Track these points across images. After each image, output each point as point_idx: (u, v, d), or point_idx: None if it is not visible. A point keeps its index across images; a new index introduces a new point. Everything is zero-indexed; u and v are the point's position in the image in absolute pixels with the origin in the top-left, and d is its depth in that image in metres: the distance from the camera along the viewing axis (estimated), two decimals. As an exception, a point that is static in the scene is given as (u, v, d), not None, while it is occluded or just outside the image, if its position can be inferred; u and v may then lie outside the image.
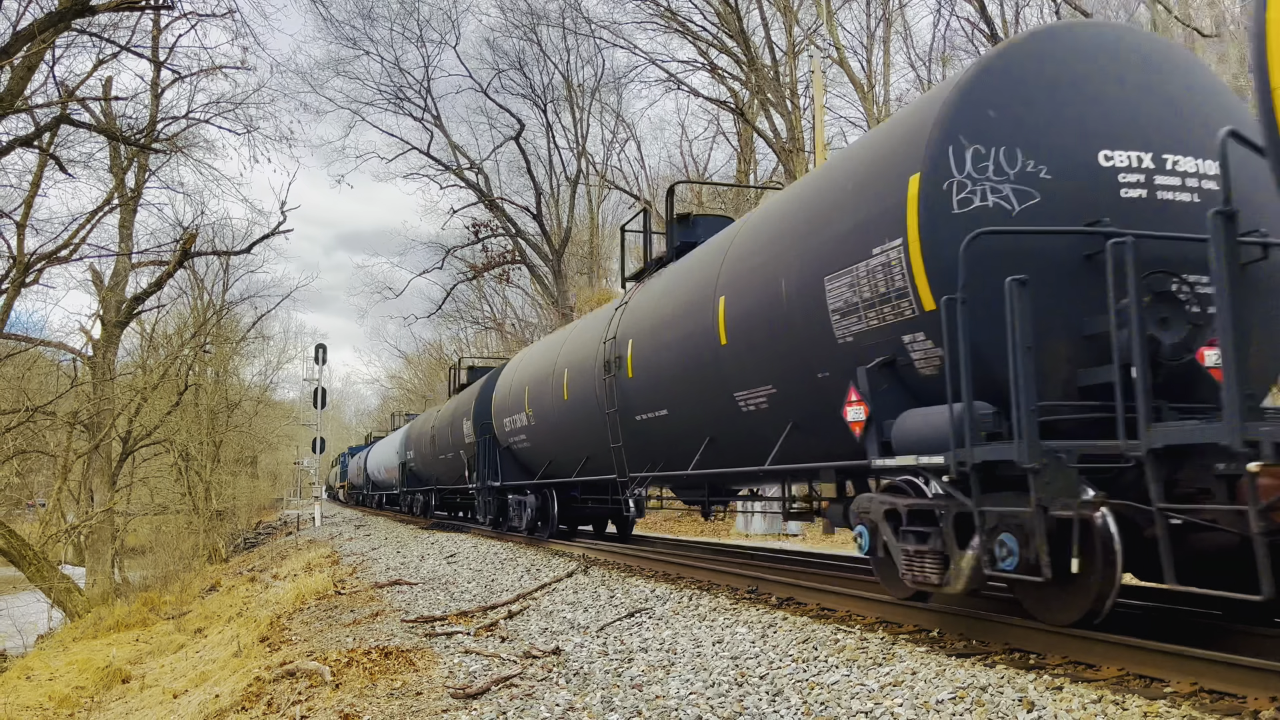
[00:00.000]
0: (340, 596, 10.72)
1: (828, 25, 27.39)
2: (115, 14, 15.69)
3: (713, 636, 6.26)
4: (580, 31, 34.75)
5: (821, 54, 25.32)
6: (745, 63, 28.88)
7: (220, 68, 18.68)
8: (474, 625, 7.78)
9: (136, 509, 31.87)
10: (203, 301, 38.53)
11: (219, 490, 37.24)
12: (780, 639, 5.87)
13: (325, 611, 9.68)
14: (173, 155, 22.74)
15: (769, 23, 29.53)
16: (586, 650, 6.47)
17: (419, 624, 8.03)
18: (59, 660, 13.08)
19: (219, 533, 34.22)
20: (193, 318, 36.58)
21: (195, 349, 33.58)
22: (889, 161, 5.71)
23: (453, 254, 40.78)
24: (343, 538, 23.05)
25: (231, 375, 42.30)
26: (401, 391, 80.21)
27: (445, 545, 15.88)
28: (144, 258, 27.42)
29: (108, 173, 25.84)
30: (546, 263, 37.58)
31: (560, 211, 39.05)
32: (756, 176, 34.04)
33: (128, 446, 28.88)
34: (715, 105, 33.42)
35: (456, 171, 38.54)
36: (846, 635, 5.73)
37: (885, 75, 29.70)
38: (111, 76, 22.42)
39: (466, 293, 48.38)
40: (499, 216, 38.11)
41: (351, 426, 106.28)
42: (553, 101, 37.64)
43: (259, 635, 9.22)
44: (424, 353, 69.16)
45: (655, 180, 39.37)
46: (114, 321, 26.34)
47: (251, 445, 49.60)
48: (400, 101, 37.91)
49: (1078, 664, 4.61)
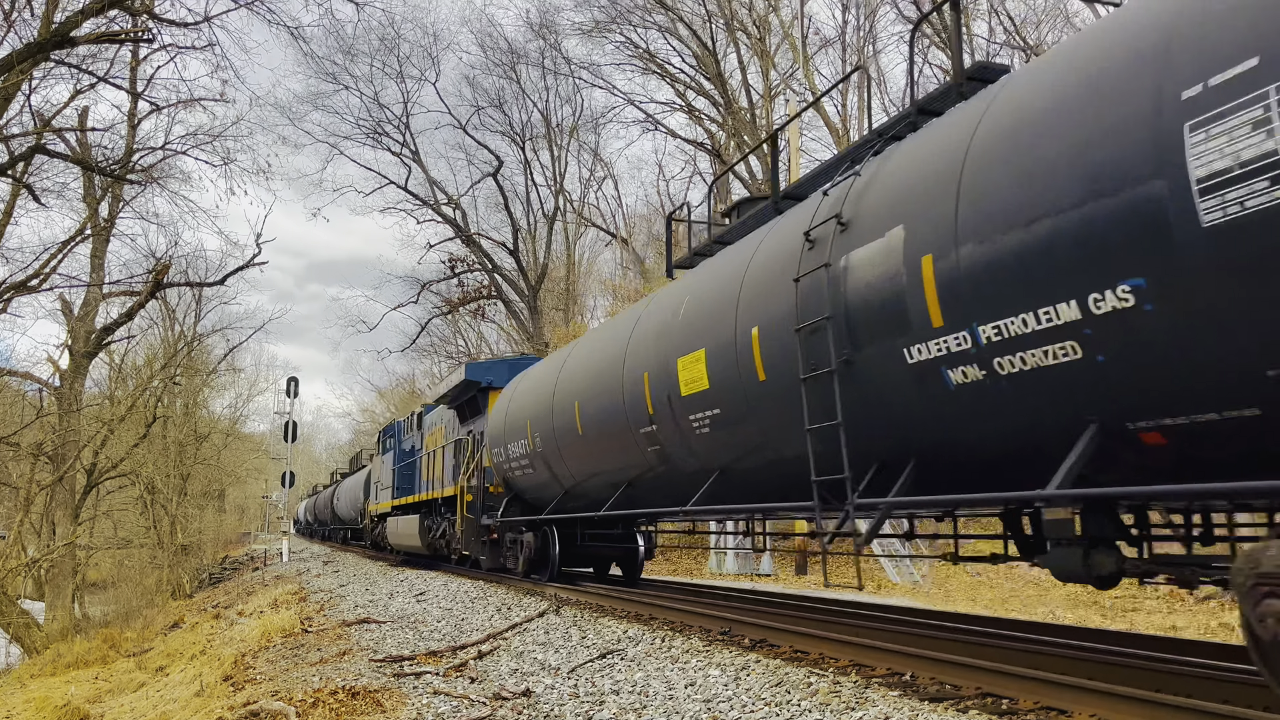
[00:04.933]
0: (307, 634, 10.55)
1: (803, 70, 27.84)
2: (95, 45, 15.68)
3: (685, 679, 6.21)
4: (560, 71, 35.18)
5: (797, 98, 25.68)
6: (722, 105, 29.27)
7: (198, 100, 18.71)
8: (443, 665, 7.68)
9: (99, 542, 31.28)
10: (174, 333, 38.20)
11: (185, 524, 36.62)
12: (753, 682, 5.83)
13: (291, 650, 9.51)
14: (148, 186, 22.65)
15: (746, 66, 30.00)
16: (557, 692, 6.39)
17: (387, 663, 7.91)
18: (15, 698, 12.75)
19: (184, 568, 33.61)
20: (163, 349, 36.20)
21: (165, 381, 33.19)
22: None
23: (428, 288, 40.77)
24: (310, 574, 22.71)
25: (201, 407, 41.83)
26: (374, 425, 79.60)
27: (415, 583, 15.69)
28: (115, 288, 27.19)
29: (81, 202, 25.66)
30: (522, 298, 37.61)
31: (537, 248, 39.18)
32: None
33: (92, 479, 28.38)
34: (692, 146, 33.79)
35: (434, 207, 38.63)
36: (820, 678, 5.70)
37: (860, 119, 30.15)
38: (88, 106, 22.27)
39: (441, 327, 48.36)
40: (475, 252, 38.19)
41: (322, 460, 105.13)
42: (531, 139, 37.95)
43: (223, 674, 9.04)
44: (397, 386, 68.83)
45: (632, 219, 39.65)
46: (82, 352, 26.01)
47: (219, 479, 48.93)
48: (379, 136, 38.07)
49: (1050, 710, 4.61)
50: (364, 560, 26.18)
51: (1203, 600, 13.01)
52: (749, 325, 6.89)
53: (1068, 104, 4.31)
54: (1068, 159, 4.18)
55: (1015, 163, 4.52)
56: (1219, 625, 11.46)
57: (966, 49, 25.23)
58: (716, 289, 7.70)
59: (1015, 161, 4.52)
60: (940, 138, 5.42)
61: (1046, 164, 4.30)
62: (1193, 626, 11.63)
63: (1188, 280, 3.68)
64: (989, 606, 14.54)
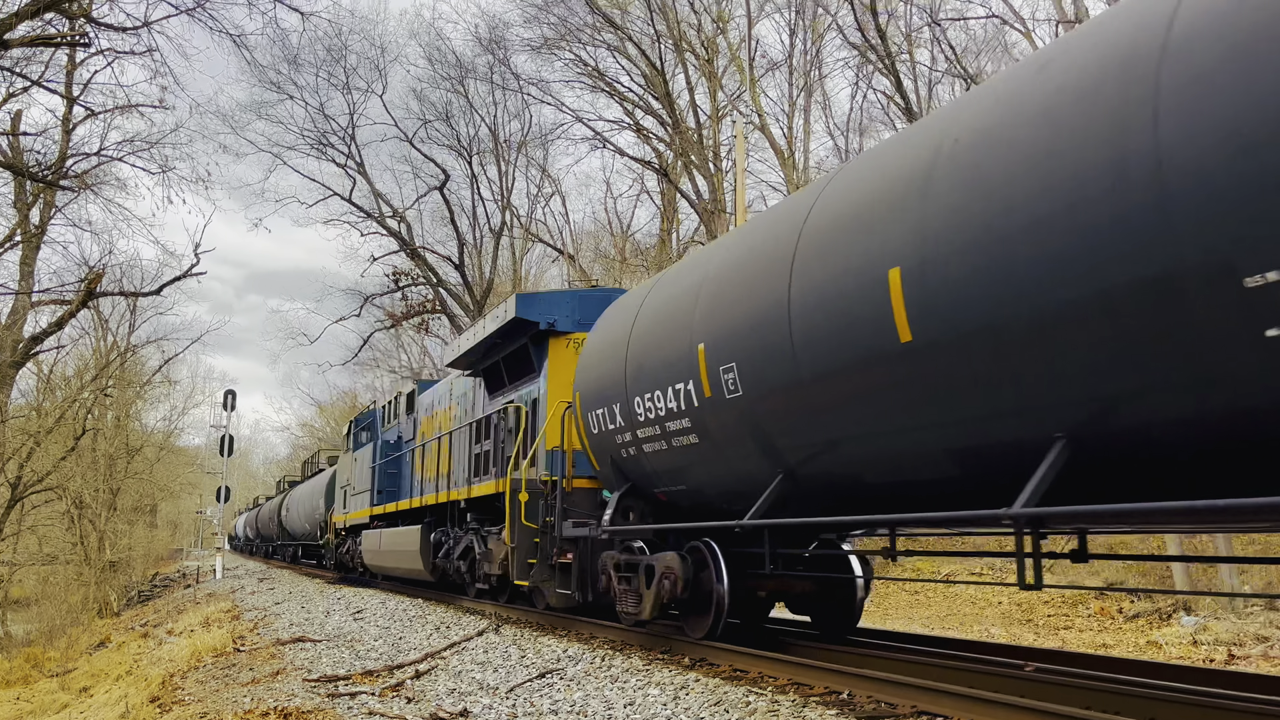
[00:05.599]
0: (239, 654, 10.31)
1: (751, 92, 28.20)
2: (29, 48, 15.30)
3: (624, 698, 6.18)
4: (508, 87, 35.08)
5: (744, 119, 25.98)
6: (670, 124, 29.49)
7: (136, 106, 18.35)
8: (379, 685, 7.56)
9: (23, 559, 30.29)
10: (106, 343, 37.29)
11: (114, 540, 35.66)
12: (692, 701, 5.83)
13: (223, 670, 9.29)
14: (82, 193, 22.09)
15: (694, 87, 30.27)
16: (495, 712, 6.32)
17: (322, 683, 7.76)
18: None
19: (112, 585, 32.68)
20: (94, 360, 35.31)
21: (95, 392, 32.34)
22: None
23: (371, 302, 40.27)
24: (245, 591, 22.22)
25: (134, 420, 40.85)
26: (313, 440, 78.33)
27: (352, 601, 15.43)
28: (45, 297, 26.41)
29: (11, 208, 24.97)
30: (467, 313, 37.37)
31: (483, 263, 38.97)
32: (679, 235, 34.58)
33: (17, 493, 27.50)
34: (640, 164, 33.97)
35: (378, 219, 38.26)
36: (758, 697, 5.71)
37: (805, 142, 30.59)
38: (21, 110, 21.69)
39: (384, 341, 47.76)
40: (420, 265, 37.87)
41: (260, 475, 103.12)
42: (479, 154, 37.77)
43: (149, 695, 8.80)
44: (338, 400, 67.85)
45: (580, 235, 39.69)
46: (9, 362, 25.21)
47: (152, 493, 47.74)
48: (324, 147, 37.59)
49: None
50: (300, 577, 25.68)
51: (1131, 619, 13.32)
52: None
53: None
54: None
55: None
56: (1147, 644, 11.74)
57: (908, 76, 25.79)
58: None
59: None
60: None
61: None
62: (1122, 645, 11.90)
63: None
64: (927, 624, 14.73)
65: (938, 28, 24.17)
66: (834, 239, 5.61)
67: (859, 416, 5.53)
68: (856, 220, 5.43)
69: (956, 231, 4.56)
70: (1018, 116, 4.39)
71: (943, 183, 4.74)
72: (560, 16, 30.80)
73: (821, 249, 5.70)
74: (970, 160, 4.59)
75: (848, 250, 5.41)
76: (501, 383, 12.29)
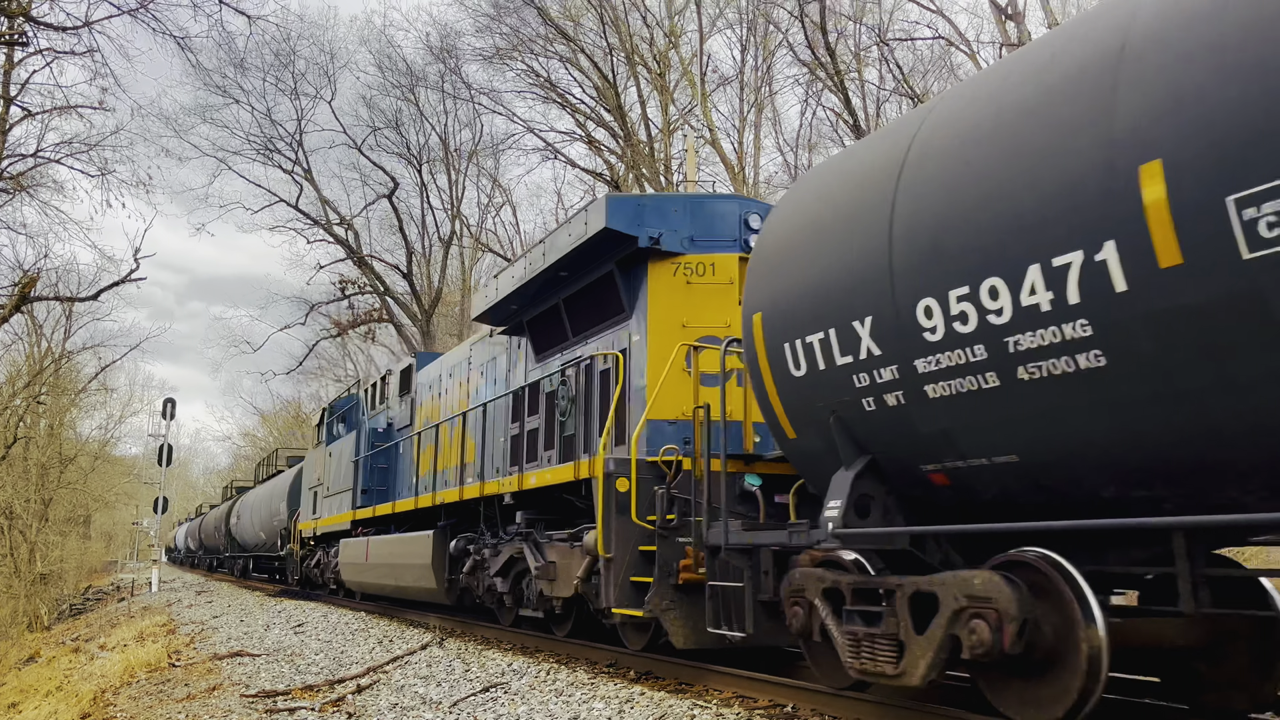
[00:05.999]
0: (175, 669, 10.07)
1: (702, 106, 28.39)
2: (-38, 44, 14.89)
3: (569, 712, 6.15)
4: (459, 96, 34.90)
5: (696, 133, 26.16)
6: (622, 137, 29.59)
7: (75, 107, 17.93)
8: (319, 700, 7.43)
9: (-52, 571, 29.33)
10: (40, 349, 36.26)
11: (45, 552, 34.65)
12: (637, 714, 5.82)
13: (157, 686, 9.06)
14: (17, 195, 21.49)
15: (646, 100, 30.40)
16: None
17: (260, 699, 7.61)
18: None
19: (42, 598, 31.73)
20: (27, 366, 34.32)
21: (28, 399, 31.43)
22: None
23: (317, 310, 39.71)
24: (182, 604, 21.73)
25: (68, 428, 39.76)
26: (256, 450, 76.94)
27: (294, 614, 15.16)
28: (-24, 301, 25.65)
29: (-59, 209, 24.19)
30: (415, 323, 37.03)
31: (432, 272, 38.68)
32: (629, 247, 34.53)
33: (-57, 502, 26.66)
34: (591, 176, 33.98)
35: (325, 226, 37.79)
36: (703, 710, 5.72)
37: (755, 157, 30.85)
38: (-46, 108, 21.09)
39: (330, 350, 47.13)
40: (368, 274, 37.47)
41: (199, 485, 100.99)
42: (429, 162, 37.50)
43: (80, 711, 8.56)
44: (281, 410, 66.71)
45: (530, 245, 39.54)
46: (-63, 367, 24.45)
47: (86, 504, 46.49)
48: (270, 153, 37.04)
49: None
50: (241, 590, 25.18)
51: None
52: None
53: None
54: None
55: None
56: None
57: (856, 94, 26.18)
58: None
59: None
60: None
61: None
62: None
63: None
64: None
65: (886, 47, 24.54)
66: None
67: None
68: None
69: None
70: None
71: None
72: (512, 27, 30.75)
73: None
74: None
75: None
76: (559, 334, 9.44)
